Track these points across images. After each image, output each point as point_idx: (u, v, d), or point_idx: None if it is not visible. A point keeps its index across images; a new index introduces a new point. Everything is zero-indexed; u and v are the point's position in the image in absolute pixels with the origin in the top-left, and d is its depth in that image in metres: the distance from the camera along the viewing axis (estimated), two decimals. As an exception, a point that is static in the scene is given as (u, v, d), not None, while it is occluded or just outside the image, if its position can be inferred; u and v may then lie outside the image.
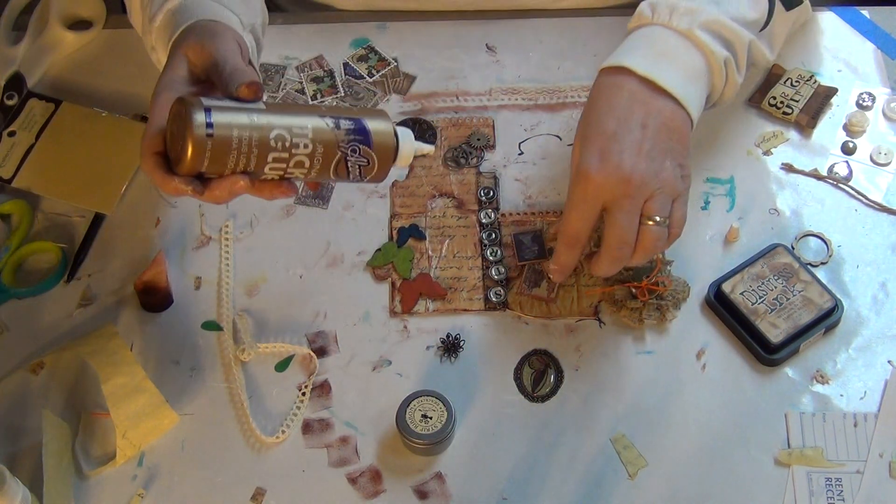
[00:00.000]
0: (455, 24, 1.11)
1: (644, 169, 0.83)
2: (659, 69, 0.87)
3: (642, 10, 0.90)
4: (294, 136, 0.77)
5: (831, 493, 0.85)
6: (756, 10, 0.92)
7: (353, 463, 0.89)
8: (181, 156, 0.75)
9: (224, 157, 0.76)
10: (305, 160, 0.78)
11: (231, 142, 0.75)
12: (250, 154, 0.76)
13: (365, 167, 0.81)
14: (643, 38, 0.89)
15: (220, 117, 0.75)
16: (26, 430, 0.90)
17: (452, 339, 0.93)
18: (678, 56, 0.88)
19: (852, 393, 0.89)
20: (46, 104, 1.07)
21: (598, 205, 0.84)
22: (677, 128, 0.86)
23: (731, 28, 0.89)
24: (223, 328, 0.95)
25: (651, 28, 0.89)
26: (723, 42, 0.90)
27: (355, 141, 0.80)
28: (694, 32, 0.88)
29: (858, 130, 1.02)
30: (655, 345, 0.92)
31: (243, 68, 0.80)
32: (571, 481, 0.86)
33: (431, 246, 0.98)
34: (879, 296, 0.94)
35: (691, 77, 0.88)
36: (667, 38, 0.88)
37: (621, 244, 0.84)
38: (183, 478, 0.88)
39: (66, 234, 1.01)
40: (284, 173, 0.79)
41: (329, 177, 0.81)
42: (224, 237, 0.99)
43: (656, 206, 0.84)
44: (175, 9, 0.89)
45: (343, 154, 0.80)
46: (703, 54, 0.89)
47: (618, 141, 0.84)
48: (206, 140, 0.74)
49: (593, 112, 0.87)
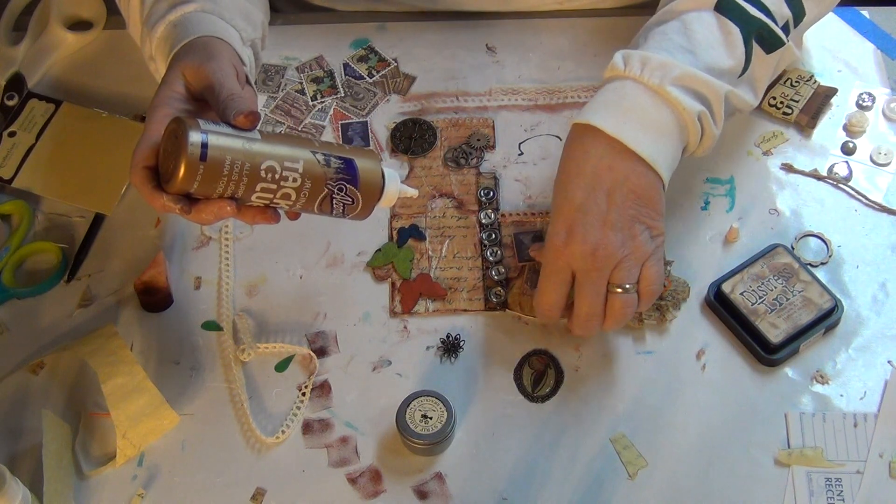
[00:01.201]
0: (455, 24, 1.11)
1: (610, 241, 0.84)
2: (628, 129, 0.85)
3: (615, 61, 0.88)
4: (284, 169, 0.79)
5: (831, 493, 0.85)
6: (732, 57, 0.89)
7: (353, 463, 0.89)
8: (172, 174, 0.76)
9: (214, 182, 0.77)
10: (292, 193, 0.80)
11: (223, 167, 0.77)
12: (240, 181, 0.78)
13: (349, 206, 0.83)
14: (613, 94, 0.87)
15: (215, 142, 0.77)
16: (26, 430, 0.90)
17: (452, 340, 0.93)
18: (648, 114, 0.86)
19: (852, 393, 0.89)
20: (47, 105, 1.07)
21: (568, 275, 0.86)
22: (645, 192, 0.85)
23: (705, 81, 0.87)
24: (223, 328, 0.95)
25: (623, 82, 0.87)
26: (696, 96, 0.87)
27: (343, 180, 0.82)
28: (665, 88, 0.85)
29: (858, 131, 1.02)
30: (655, 345, 0.92)
31: (240, 94, 0.81)
32: (571, 481, 0.86)
33: (431, 246, 0.98)
34: (879, 296, 0.94)
35: (662, 135, 0.86)
36: (637, 94, 0.86)
37: (590, 315, 0.86)
38: (183, 478, 0.88)
39: (66, 234, 1.01)
40: (270, 203, 0.81)
41: (313, 210, 0.82)
42: (224, 237, 0.99)
43: (622, 274, 0.85)
44: (177, 21, 0.89)
45: (329, 191, 0.81)
46: (675, 111, 0.86)
47: (584, 213, 0.84)
48: (198, 163, 0.76)
49: (563, 179, 0.87)
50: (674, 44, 0.88)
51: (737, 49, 0.89)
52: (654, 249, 0.86)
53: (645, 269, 0.86)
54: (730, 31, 0.89)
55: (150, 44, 0.91)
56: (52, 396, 0.92)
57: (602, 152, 0.85)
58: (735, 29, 0.89)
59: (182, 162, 0.76)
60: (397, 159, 1.03)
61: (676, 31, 0.89)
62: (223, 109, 0.80)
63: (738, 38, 0.89)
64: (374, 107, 1.07)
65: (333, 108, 1.07)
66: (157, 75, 0.92)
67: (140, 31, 0.94)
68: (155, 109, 0.82)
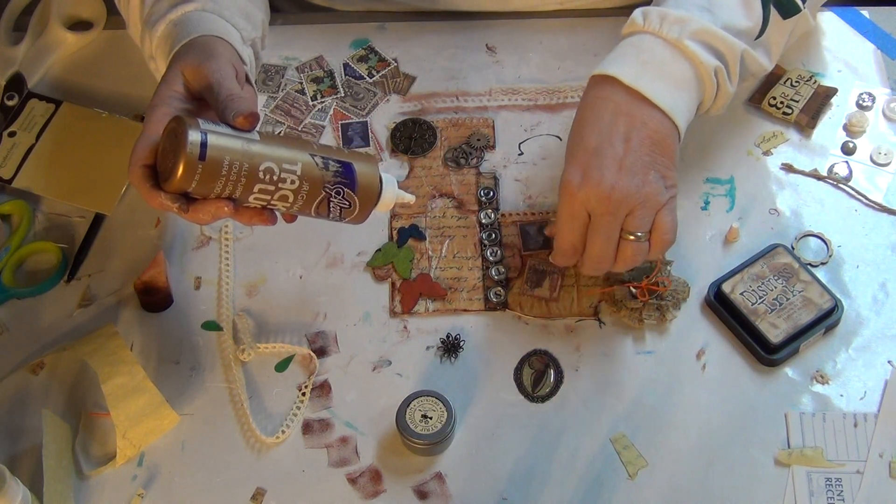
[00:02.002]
0: (455, 24, 1.11)
1: (624, 185, 0.84)
2: (646, 80, 0.86)
3: (634, 17, 0.90)
4: (283, 171, 0.79)
5: (831, 493, 0.85)
6: (750, 19, 0.91)
7: (353, 463, 0.89)
8: (171, 173, 0.77)
9: (212, 181, 0.77)
10: (290, 195, 0.80)
11: (222, 167, 0.77)
12: (238, 182, 0.78)
13: (346, 209, 0.83)
14: (632, 47, 0.89)
15: (214, 141, 0.77)
16: (26, 430, 0.90)
17: (452, 340, 0.93)
18: (666, 66, 0.87)
19: (852, 393, 0.89)
20: (47, 105, 1.07)
21: (584, 217, 0.86)
22: (662, 140, 0.86)
23: (722, 38, 0.88)
24: (223, 328, 0.95)
25: (641, 36, 0.89)
26: (713, 52, 0.89)
27: (341, 183, 0.82)
28: (683, 42, 0.87)
29: (858, 130, 1.02)
30: (655, 345, 0.92)
31: (239, 95, 0.82)
32: (571, 481, 0.86)
33: (431, 246, 0.98)
34: (879, 296, 0.94)
35: (679, 87, 0.88)
36: (655, 47, 0.88)
37: (600, 258, 0.86)
38: (183, 478, 0.88)
39: (66, 234, 1.01)
40: (268, 204, 0.81)
41: (310, 213, 0.83)
42: (224, 237, 0.99)
43: (636, 221, 0.85)
44: (177, 20, 0.90)
45: (327, 194, 0.82)
46: (693, 64, 0.88)
47: (599, 157, 0.84)
48: (197, 162, 0.76)
49: (579, 125, 0.88)
50: (692, 2, 0.89)
51: (754, 11, 0.91)
52: (667, 199, 0.86)
53: (658, 218, 0.86)
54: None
55: (151, 43, 0.91)
56: (52, 396, 0.92)
57: (620, 100, 0.86)
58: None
59: (181, 161, 0.76)
60: (397, 159, 1.03)
61: None
62: (222, 110, 0.80)
63: (756, 0, 0.91)
64: (374, 107, 1.07)
65: (333, 108, 1.07)
66: (157, 74, 0.92)
67: (140, 30, 0.94)
68: (154, 108, 0.82)
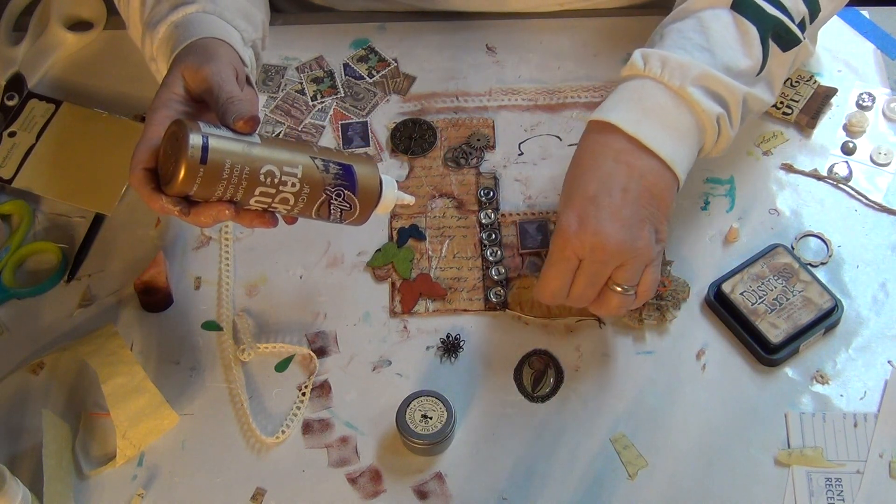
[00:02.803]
0: (455, 24, 1.11)
1: (620, 238, 0.82)
2: (647, 128, 0.84)
3: (634, 60, 0.87)
4: (283, 174, 0.80)
5: (831, 493, 0.85)
6: (750, 56, 0.88)
7: (353, 463, 0.89)
8: (172, 177, 0.77)
9: (213, 185, 0.77)
10: (291, 198, 0.81)
11: (223, 171, 0.77)
12: (239, 185, 0.78)
13: (346, 211, 0.83)
14: (633, 92, 0.86)
15: (215, 145, 0.77)
16: (26, 430, 0.90)
17: (452, 340, 0.93)
18: (668, 114, 0.85)
19: (852, 393, 0.89)
20: (47, 105, 1.07)
21: (574, 263, 0.85)
22: (660, 193, 0.84)
23: (725, 83, 0.86)
24: (223, 328, 0.95)
25: (643, 81, 0.86)
26: (715, 98, 0.86)
27: (341, 186, 0.82)
28: (686, 90, 0.85)
29: (858, 131, 1.02)
30: (655, 345, 0.92)
31: (239, 97, 0.82)
32: (571, 481, 0.86)
33: (431, 246, 0.98)
34: (879, 296, 0.94)
35: (681, 137, 0.86)
36: (657, 94, 0.85)
37: (581, 299, 0.86)
38: (183, 478, 0.88)
39: (66, 234, 1.01)
40: (269, 207, 0.81)
41: (310, 215, 0.83)
42: (224, 237, 0.99)
43: (626, 275, 0.84)
44: (178, 22, 0.89)
45: (328, 197, 0.82)
46: (694, 112, 0.86)
47: (597, 205, 0.83)
48: (199, 165, 0.76)
49: (577, 169, 0.86)
50: (692, 42, 0.87)
51: (754, 48, 0.89)
52: (656, 254, 0.86)
53: (645, 274, 0.85)
54: (747, 31, 0.88)
55: (152, 45, 0.91)
56: (52, 396, 0.92)
57: (620, 147, 0.84)
58: (752, 28, 0.88)
59: (182, 164, 0.76)
60: (397, 159, 1.03)
61: (693, 30, 0.88)
62: (223, 113, 0.80)
63: (755, 38, 0.89)
64: (374, 107, 1.07)
65: (333, 109, 1.07)
66: (158, 76, 0.92)
67: (140, 32, 0.94)
68: (155, 111, 0.82)
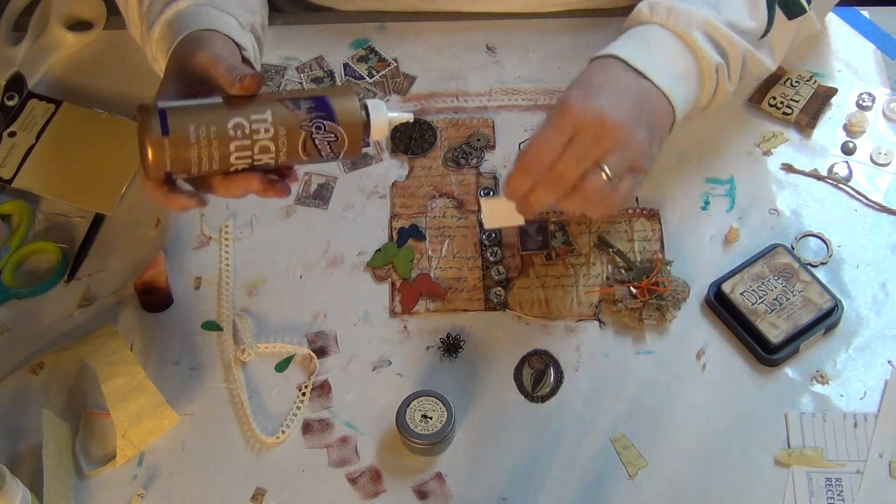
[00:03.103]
0: (455, 24, 1.11)
1: (621, 117, 0.83)
2: (650, 63, 0.87)
3: (640, 8, 0.91)
4: (253, 123, 0.78)
5: (831, 493, 0.85)
6: (755, 19, 0.92)
7: (353, 463, 0.89)
8: (143, 160, 0.76)
9: (185, 152, 0.77)
10: (270, 144, 0.79)
11: (188, 136, 0.77)
12: (210, 146, 0.77)
13: (335, 143, 0.81)
14: (638, 35, 0.89)
15: (174, 113, 0.77)
16: (26, 430, 0.90)
17: (452, 339, 0.93)
18: (671, 55, 0.88)
19: (852, 393, 0.89)
20: (47, 105, 1.07)
21: (568, 135, 0.83)
22: (660, 113, 0.86)
23: (726, 35, 0.89)
24: (223, 328, 0.95)
25: (647, 26, 0.89)
26: (717, 48, 0.90)
27: (318, 118, 0.80)
28: (690, 34, 0.88)
29: (858, 131, 1.02)
30: (655, 345, 0.92)
31: (238, 65, 0.81)
32: (571, 481, 0.86)
33: (431, 246, 0.98)
34: (879, 296, 0.94)
35: (683, 77, 0.88)
36: (661, 36, 0.89)
37: (561, 179, 0.83)
38: (183, 478, 0.88)
39: (66, 234, 1.01)
40: (252, 161, 0.79)
41: (301, 158, 0.81)
42: (224, 237, 0.99)
43: (615, 159, 0.83)
44: (171, 19, 0.89)
45: (308, 132, 0.80)
46: (696, 58, 0.89)
47: (604, 90, 0.84)
48: (162, 138, 0.76)
49: (582, 75, 0.87)
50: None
51: (760, 10, 0.92)
52: (645, 164, 0.85)
53: (627, 180, 0.84)
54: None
55: (151, 46, 0.91)
56: (52, 396, 0.92)
57: (623, 74, 0.86)
58: None
59: (147, 141, 0.75)
60: (397, 159, 1.03)
61: None
62: (225, 81, 0.79)
63: (761, 1, 0.92)
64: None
65: (333, 108, 1.06)
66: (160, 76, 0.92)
67: (140, 32, 0.94)
68: None
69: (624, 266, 0.95)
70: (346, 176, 1.02)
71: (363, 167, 1.03)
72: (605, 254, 0.96)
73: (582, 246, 0.97)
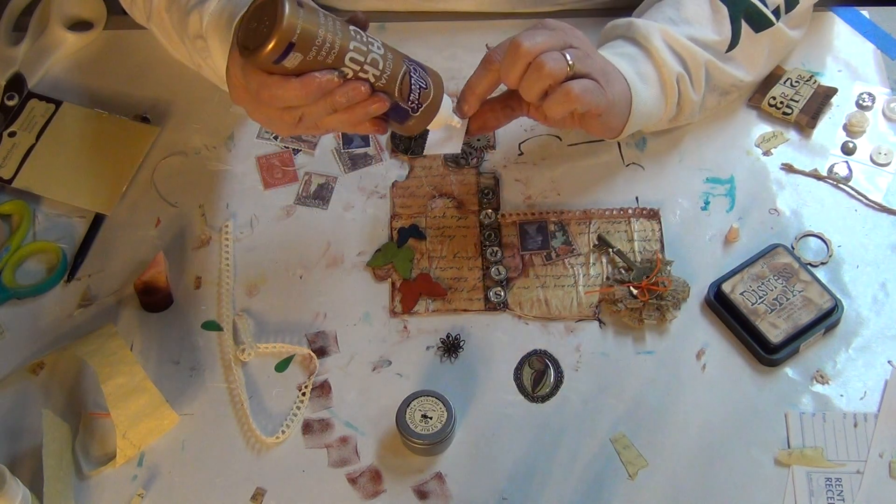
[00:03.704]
0: (455, 24, 1.11)
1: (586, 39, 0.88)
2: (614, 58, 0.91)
3: (605, 29, 0.98)
4: (369, 38, 0.81)
5: (831, 493, 0.85)
6: (719, 34, 0.96)
7: (353, 463, 0.89)
8: (276, 24, 0.76)
9: (314, 29, 0.77)
10: (379, 60, 0.81)
11: (318, 18, 0.78)
12: (335, 35, 0.79)
13: (423, 91, 0.84)
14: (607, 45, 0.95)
15: (307, 10, 0.78)
16: (26, 430, 0.90)
17: (452, 339, 0.93)
18: (635, 61, 0.92)
19: (852, 393, 0.89)
20: (47, 105, 1.07)
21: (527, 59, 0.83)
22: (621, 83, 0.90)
23: (685, 45, 0.94)
24: (223, 328, 0.95)
25: (614, 41, 0.95)
26: (677, 58, 0.94)
27: (415, 65, 0.84)
28: (651, 43, 0.93)
29: (858, 131, 1.02)
30: (655, 345, 0.92)
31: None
32: (571, 481, 0.86)
33: (431, 246, 0.98)
34: (879, 296, 0.94)
35: (643, 79, 0.92)
36: (626, 46, 0.94)
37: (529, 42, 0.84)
38: (183, 478, 0.88)
39: (66, 234, 1.01)
40: (361, 69, 0.80)
41: (395, 90, 0.82)
42: (224, 237, 0.99)
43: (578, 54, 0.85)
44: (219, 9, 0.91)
45: (408, 68, 0.83)
46: (656, 65, 0.93)
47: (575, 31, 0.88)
48: (298, 9, 0.77)
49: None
50: (664, 15, 0.96)
51: (724, 26, 0.96)
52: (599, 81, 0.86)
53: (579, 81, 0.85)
54: (719, 9, 0.96)
55: (201, 21, 0.92)
56: (52, 396, 0.92)
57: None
58: (724, 7, 0.96)
59: (284, 3, 0.76)
60: (397, 159, 1.03)
61: (669, 6, 0.97)
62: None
63: (725, 16, 0.96)
64: (374, 107, 1.07)
65: (333, 108, 1.06)
66: (202, 53, 0.94)
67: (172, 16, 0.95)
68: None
69: (624, 266, 0.95)
70: (347, 176, 1.02)
71: (363, 167, 1.03)
72: (605, 254, 0.96)
73: (582, 246, 0.97)
